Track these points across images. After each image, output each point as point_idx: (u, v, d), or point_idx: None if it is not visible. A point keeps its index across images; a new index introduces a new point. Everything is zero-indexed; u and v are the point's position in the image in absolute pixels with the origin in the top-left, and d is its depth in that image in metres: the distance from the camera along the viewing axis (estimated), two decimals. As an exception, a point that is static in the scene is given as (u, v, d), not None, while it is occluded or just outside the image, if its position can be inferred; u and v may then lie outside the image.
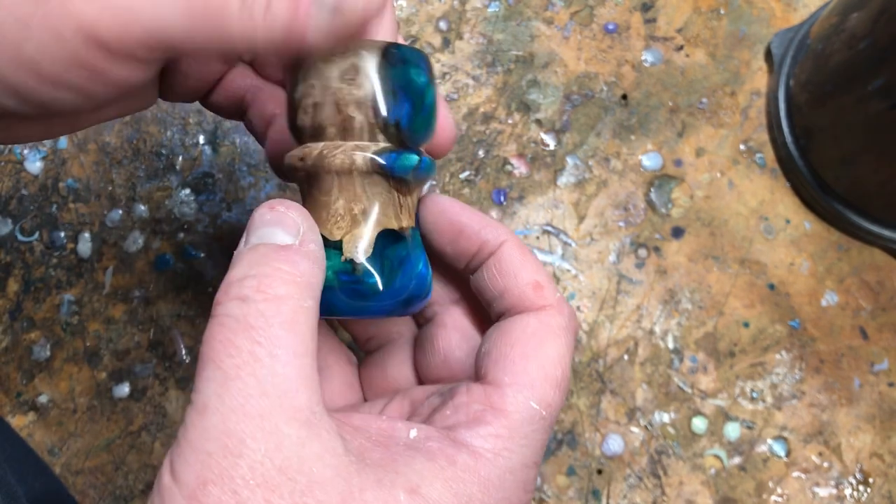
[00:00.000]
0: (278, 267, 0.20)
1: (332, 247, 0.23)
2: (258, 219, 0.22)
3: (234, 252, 0.21)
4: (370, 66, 0.23)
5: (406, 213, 0.25)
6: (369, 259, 0.23)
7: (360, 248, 0.23)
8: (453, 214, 0.26)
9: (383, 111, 0.23)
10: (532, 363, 0.23)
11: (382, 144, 0.23)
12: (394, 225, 0.24)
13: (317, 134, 0.23)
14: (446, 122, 0.25)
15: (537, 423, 0.23)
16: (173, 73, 0.27)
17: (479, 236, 0.26)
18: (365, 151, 0.23)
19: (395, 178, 0.24)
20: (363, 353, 0.30)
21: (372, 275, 0.23)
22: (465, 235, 0.26)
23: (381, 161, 0.23)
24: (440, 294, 0.29)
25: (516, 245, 0.26)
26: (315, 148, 0.23)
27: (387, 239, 0.24)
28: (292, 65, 0.24)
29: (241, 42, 0.20)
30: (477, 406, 0.23)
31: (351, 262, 0.23)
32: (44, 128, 0.25)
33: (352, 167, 0.23)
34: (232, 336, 0.19)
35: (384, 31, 0.24)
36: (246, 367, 0.19)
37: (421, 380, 0.29)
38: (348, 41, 0.22)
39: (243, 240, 0.22)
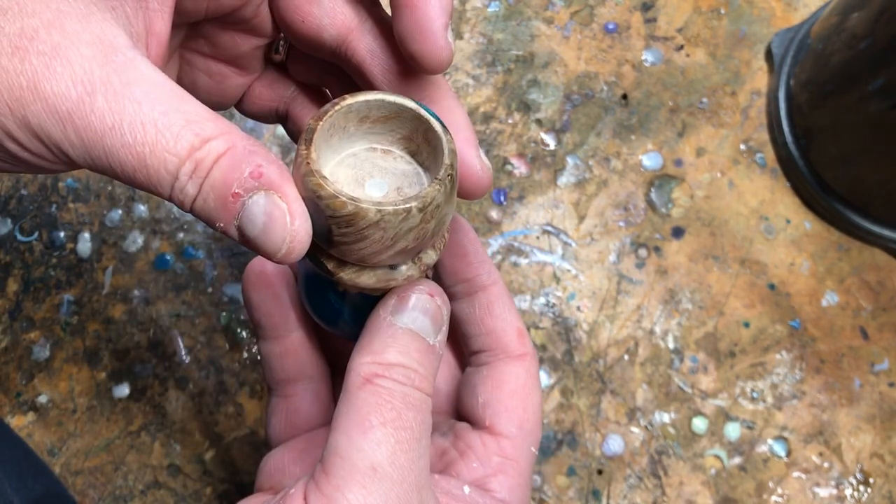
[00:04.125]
0: (427, 368, 0.23)
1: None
2: (416, 301, 0.23)
3: (380, 314, 0.23)
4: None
5: None
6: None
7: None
8: (468, 239, 0.28)
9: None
10: (529, 412, 0.27)
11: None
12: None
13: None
14: (483, 171, 0.25)
15: (533, 463, 0.27)
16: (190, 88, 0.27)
17: (477, 267, 0.28)
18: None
19: None
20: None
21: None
22: (468, 261, 0.28)
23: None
24: None
25: (505, 289, 0.28)
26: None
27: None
28: None
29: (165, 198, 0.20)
30: (496, 459, 0.26)
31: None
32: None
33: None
34: (403, 410, 0.21)
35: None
36: (414, 444, 0.21)
37: None
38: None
39: (390, 307, 0.23)
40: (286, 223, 0.20)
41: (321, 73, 0.27)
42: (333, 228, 0.21)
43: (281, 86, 0.28)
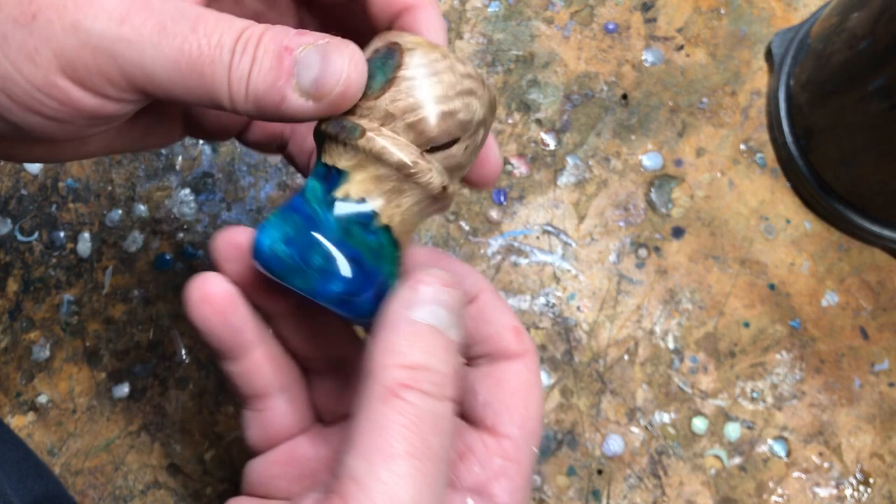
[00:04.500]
0: (452, 366, 0.21)
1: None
2: (432, 293, 0.22)
3: (396, 309, 0.21)
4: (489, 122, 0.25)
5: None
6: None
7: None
8: (445, 261, 0.27)
9: None
10: (530, 412, 0.26)
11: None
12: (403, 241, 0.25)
13: (454, 169, 0.24)
14: (494, 157, 0.26)
15: (534, 463, 0.26)
16: (196, 113, 0.27)
17: (461, 282, 0.26)
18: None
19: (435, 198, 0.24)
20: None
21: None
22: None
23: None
24: None
25: (494, 293, 0.27)
26: (454, 185, 0.24)
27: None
28: None
29: (223, 102, 0.21)
30: (498, 461, 0.25)
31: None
32: (46, 150, 0.25)
33: (444, 201, 0.24)
34: (431, 436, 0.20)
35: (431, 27, 0.24)
36: (438, 475, 0.20)
37: None
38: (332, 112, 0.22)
39: (406, 301, 0.22)
40: (345, 60, 0.21)
41: None
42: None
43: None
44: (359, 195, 0.23)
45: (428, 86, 0.22)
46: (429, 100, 0.22)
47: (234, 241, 0.25)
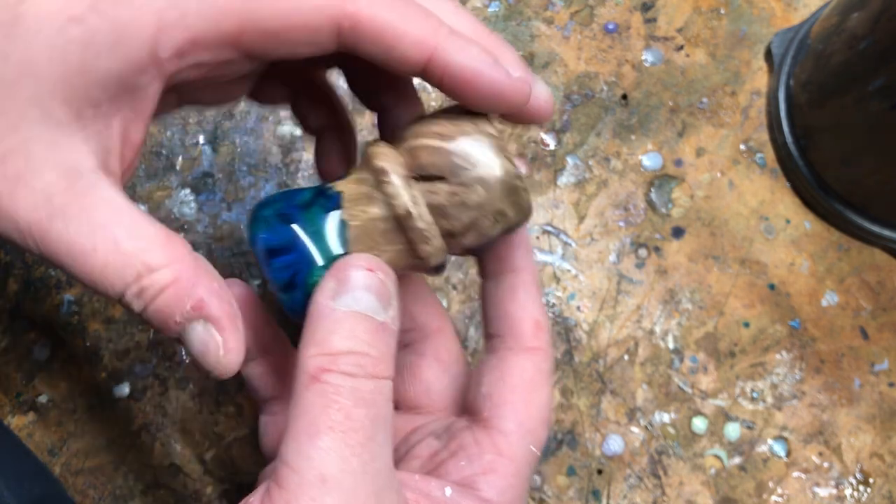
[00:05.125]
0: (379, 348, 0.22)
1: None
2: (355, 279, 0.22)
3: (319, 301, 0.22)
4: (512, 224, 0.24)
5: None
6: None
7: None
8: None
9: (473, 250, 0.25)
10: (532, 409, 0.25)
11: (448, 259, 0.24)
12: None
13: (434, 210, 0.23)
14: (541, 91, 0.25)
15: (533, 463, 0.25)
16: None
17: (515, 248, 0.27)
18: (441, 260, 0.24)
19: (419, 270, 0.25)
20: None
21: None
22: (507, 238, 0.27)
23: (432, 270, 0.24)
24: (421, 322, 0.29)
25: (535, 278, 0.27)
26: (423, 219, 0.23)
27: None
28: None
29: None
30: (488, 456, 0.24)
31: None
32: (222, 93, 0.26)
33: (424, 260, 0.24)
34: (352, 409, 0.20)
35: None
36: (367, 445, 0.20)
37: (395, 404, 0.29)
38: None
39: (329, 291, 0.22)
40: (219, 354, 0.22)
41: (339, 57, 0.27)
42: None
43: (293, 70, 0.28)
44: (341, 188, 0.24)
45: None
46: (434, 135, 0.23)
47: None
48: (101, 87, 0.21)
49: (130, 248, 0.21)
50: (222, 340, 0.22)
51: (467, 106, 0.23)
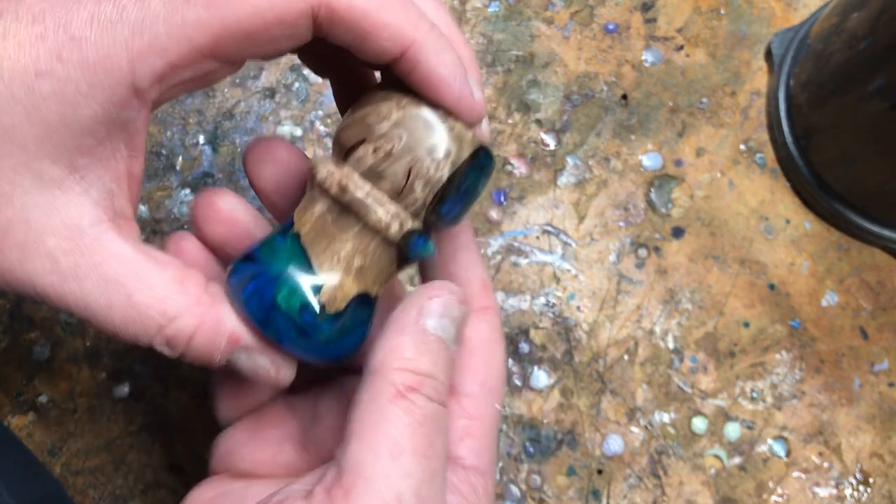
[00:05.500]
0: (449, 378, 0.22)
1: (312, 275, 0.23)
2: (450, 307, 0.22)
3: (412, 316, 0.22)
4: (460, 159, 0.22)
5: (386, 282, 0.25)
6: (338, 312, 0.23)
7: (338, 299, 0.23)
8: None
9: (443, 205, 0.23)
10: (492, 368, 0.25)
11: (416, 225, 0.23)
12: (373, 291, 0.24)
13: (368, 175, 0.22)
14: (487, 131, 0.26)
15: (499, 421, 0.26)
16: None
17: (467, 301, 0.26)
18: (403, 226, 0.23)
19: (406, 259, 0.24)
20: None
21: (332, 325, 0.23)
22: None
23: (409, 244, 0.23)
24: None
25: (473, 238, 0.27)
26: (360, 187, 0.22)
27: (360, 300, 0.24)
28: (383, 85, 0.23)
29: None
30: (461, 421, 0.24)
31: (322, 306, 0.23)
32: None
33: (382, 231, 0.23)
34: (434, 437, 0.21)
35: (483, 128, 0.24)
36: (439, 472, 0.21)
37: None
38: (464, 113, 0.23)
39: (420, 309, 0.22)
40: (271, 373, 0.23)
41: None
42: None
43: None
44: (293, 212, 0.24)
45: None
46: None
47: (214, 203, 0.26)
48: (89, 134, 0.20)
49: (145, 301, 0.21)
50: (270, 360, 0.23)
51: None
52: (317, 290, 0.23)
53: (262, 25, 0.20)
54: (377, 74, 0.26)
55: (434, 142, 0.22)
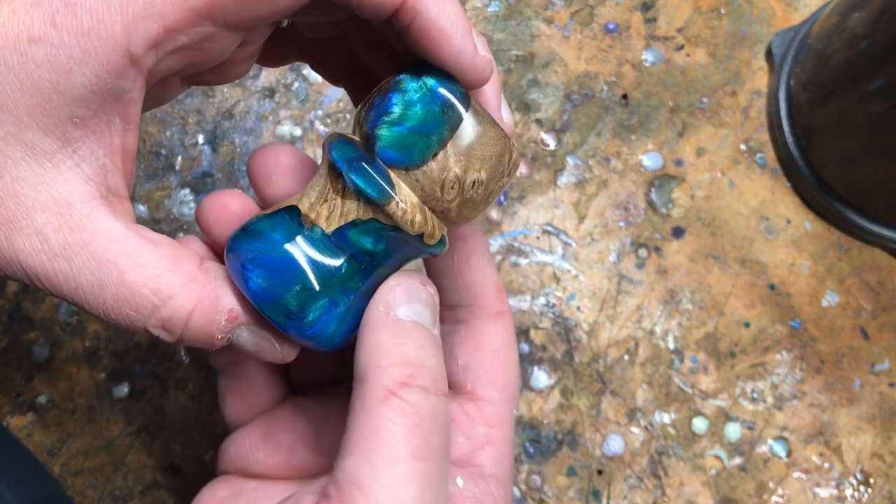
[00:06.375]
0: (441, 361, 0.21)
1: (314, 251, 0.22)
2: (416, 291, 0.22)
3: (381, 311, 0.21)
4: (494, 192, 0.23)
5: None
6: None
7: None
8: None
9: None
10: (509, 375, 0.25)
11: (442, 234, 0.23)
12: None
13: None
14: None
15: (514, 426, 0.26)
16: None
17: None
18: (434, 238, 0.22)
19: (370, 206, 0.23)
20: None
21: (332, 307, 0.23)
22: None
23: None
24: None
25: (486, 243, 0.27)
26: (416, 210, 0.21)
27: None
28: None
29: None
30: (482, 429, 0.24)
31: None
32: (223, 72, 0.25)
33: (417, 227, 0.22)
34: (431, 435, 0.20)
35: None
36: (439, 474, 0.20)
37: None
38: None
39: (386, 301, 0.21)
40: (274, 349, 0.22)
41: (340, 26, 0.25)
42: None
43: (293, 39, 0.27)
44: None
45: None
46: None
47: (228, 206, 0.25)
48: (82, 103, 0.19)
49: (136, 279, 0.20)
50: (272, 336, 0.22)
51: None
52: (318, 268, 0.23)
53: None
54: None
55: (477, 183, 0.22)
